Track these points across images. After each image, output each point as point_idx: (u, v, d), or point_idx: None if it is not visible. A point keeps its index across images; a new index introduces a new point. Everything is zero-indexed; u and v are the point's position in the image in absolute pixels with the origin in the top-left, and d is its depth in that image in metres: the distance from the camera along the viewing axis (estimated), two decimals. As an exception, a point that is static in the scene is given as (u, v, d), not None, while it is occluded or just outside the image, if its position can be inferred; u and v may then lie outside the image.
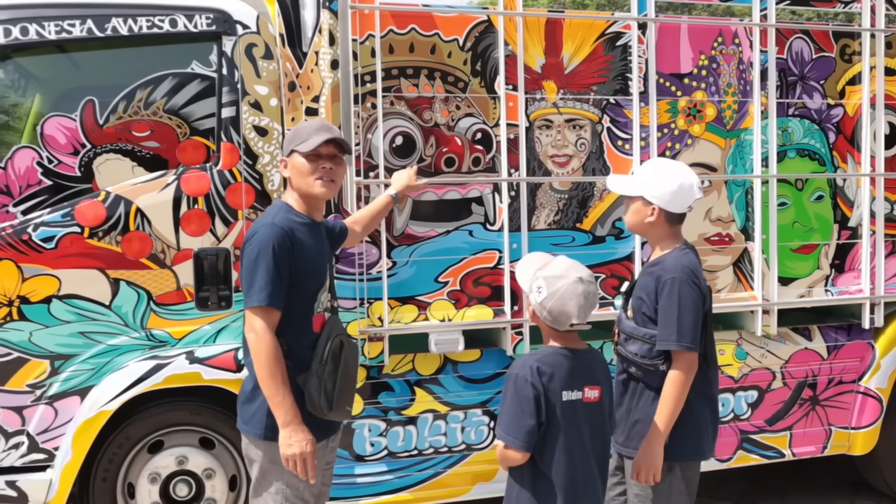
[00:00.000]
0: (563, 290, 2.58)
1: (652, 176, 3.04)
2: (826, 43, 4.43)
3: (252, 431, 2.88)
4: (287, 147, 2.97)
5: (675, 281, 2.92)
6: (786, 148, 4.38)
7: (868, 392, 4.60)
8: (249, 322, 2.79)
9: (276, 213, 2.88)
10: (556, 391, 2.59)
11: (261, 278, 2.75)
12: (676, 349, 2.91)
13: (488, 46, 3.92)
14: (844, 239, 4.52)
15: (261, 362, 2.75)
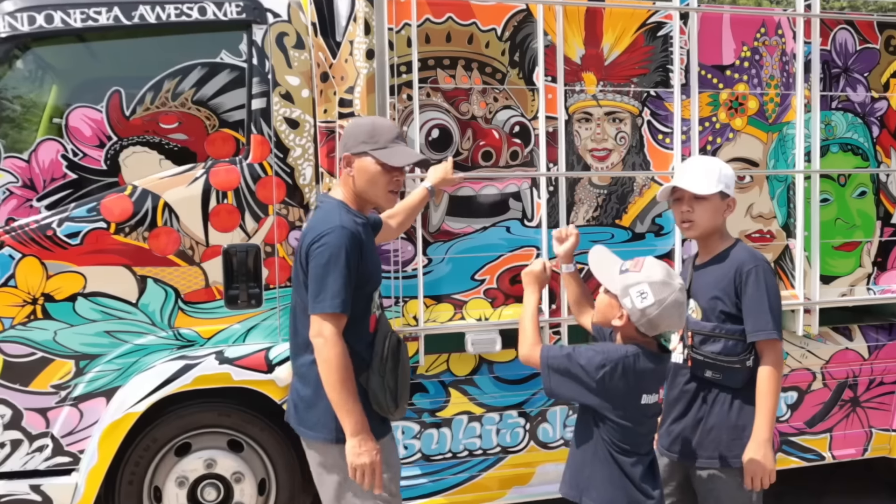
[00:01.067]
0: (672, 299, 2.48)
1: (716, 169, 2.93)
2: (870, 34, 4.30)
3: (322, 436, 2.75)
4: (357, 145, 2.78)
5: (759, 269, 2.85)
6: (828, 142, 4.26)
7: (910, 392, 4.48)
8: (318, 327, 2.67)
9: (340, 214, 2.74)
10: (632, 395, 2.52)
11: (334, 283, 2.64)
12: (774, 338, 2.82)
13: (527, 36, 3.79)
14: (887, 236, 4.39)
15: (331, 368, 2.64)
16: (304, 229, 2.82)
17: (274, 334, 3.72)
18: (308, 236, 2.72)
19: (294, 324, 2.86)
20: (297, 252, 2.79)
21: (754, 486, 2.82)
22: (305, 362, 2.78)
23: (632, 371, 2.50)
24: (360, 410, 2.66)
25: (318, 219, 2.76)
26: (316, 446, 2.80)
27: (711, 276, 2.94)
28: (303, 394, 2.81)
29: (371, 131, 2.78)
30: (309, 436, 2.81)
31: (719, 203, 2.93)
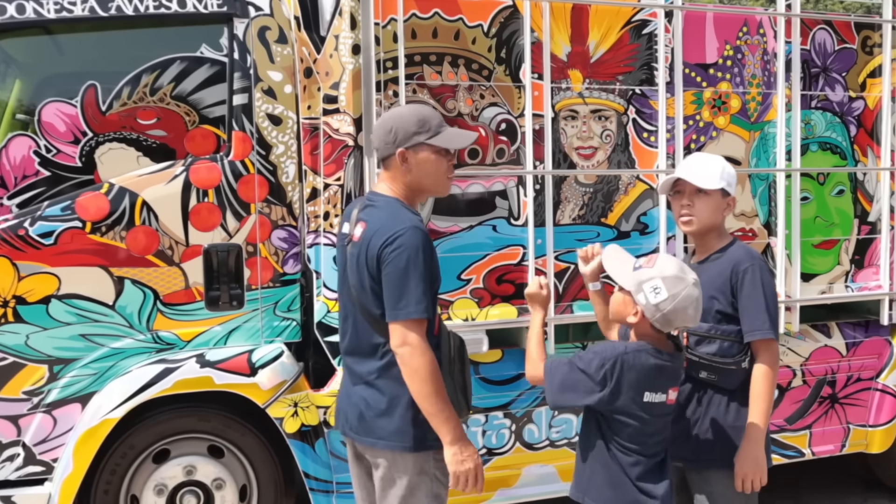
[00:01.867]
0: (685, 294, 2.45)
1: (720, 166, 2.88)
2: (848, 34, 4.34)
3: (399, 445, 2.60)
4: (410, 138, 2.59)
5: (756, 268, 2.80)
6: (808, 141, 4.28)
7: (886, 389, 4.53)
8: (401, 336, 2.50)
9: (407, 213, 2.59)
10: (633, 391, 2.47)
11: (416, 288, 2.49)
12: (770, 338, 2.78)
13: (513, 33, 3.75)
14: (864, 234, 4.44)
15: (423, 378, 2.50)
16: (366, 230, 2.58)
17: (256, 336, 3.62)
18: (377, 238, 2.52)
19: (355, 330, 2.67)
20: (359, 254, 2.58)
21: (745, 489, 2.78)
22: (373, 369, 2.62)
23: (631, 367, 2.45)
24: (456, 417, 2.55)
25: (384, 218, 2.56)
26: (385, 455, 2.64)
27: (707, 274, 2.88)
28: (372, 402, 2.63)
29: (420, 121, 2.61)
30: (379, 445, 2.63)
31: (720, 200, 2.89)
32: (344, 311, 2.73)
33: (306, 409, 3.63)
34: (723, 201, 2.89)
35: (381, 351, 2.60)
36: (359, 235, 2.60)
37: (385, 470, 2.65)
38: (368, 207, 2.66)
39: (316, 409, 3.65)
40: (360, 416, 2.66)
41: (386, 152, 2.63)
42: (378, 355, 2.61)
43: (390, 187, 2.67)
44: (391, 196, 2.65)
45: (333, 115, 3.56)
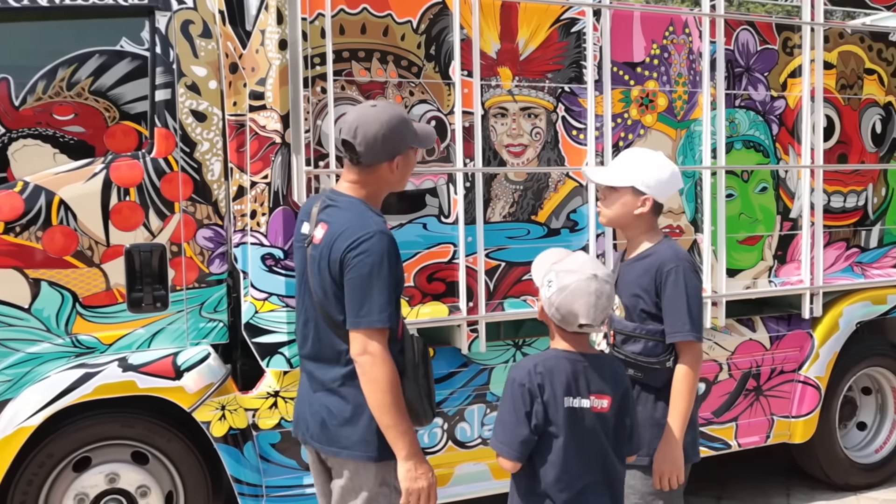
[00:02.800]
0: (574, 286, 2.35)
1: (642, 164, 2.84)
2: (770, 35, 4.44)
3: (362, 455, 2.52)
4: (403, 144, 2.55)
5: (679, 269, 2.77)
6: (733, 139, 4.37)
7: (807, 381, 4.66)
8: (362, 344, 2.42)
9: (371, 216, 2.51)
10: (556, 396, 2.37)
11: (379, 296, 2.41)
12: (691, 340, 2.76)
13: (443, 30, 3.73)
14: (786, 230, 4.55)
15: (382, 388, 2.42)
16: (328, 232, 2.50)
17: (182, 338, 3.52)
18: (341, 242, 2.44)
19: (317, 335, 2.58)
20: (321, 257, 2.49)
21: (662, 486, 2.80)
22: (336, 376, 2.54)
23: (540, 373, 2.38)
24: (413, 431, 2.47)
25: (348, 220, 2.48)
26: (348, 465, 2.56)
27: (634, 272, 2.89)
28: (335, 410, 2.55)
29: (404, 120, 2.57)
30: (342, 454, 2.55)
31: (630, 198, 2.82)
32: (304, 316, 2.63)
33: (234, 412, 3.55)
34: (634, 199, 2.82)
35: (344, 358, 2.52)
36: (320, 237, 2.52)
37: (347, 480, 2.57)
38: (330, 207, 2.56)
39: (244, 411, 3.57)
40: (322, 423, 2.58)
41: (379, 159, 2.53)
42: (342, 362, 2.53)
43: (353, 187, 2.57)
44: (354, 197, 2.56)
45: (260, 112, 3.49)
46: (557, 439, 2.39)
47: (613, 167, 2.94)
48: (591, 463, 2.41)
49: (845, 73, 4.66)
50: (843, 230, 4.73)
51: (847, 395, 5.06)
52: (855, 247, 4.78)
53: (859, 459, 4.99)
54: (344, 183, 2.60)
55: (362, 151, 2.50)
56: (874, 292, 4.81)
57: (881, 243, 4.86)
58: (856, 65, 4.69)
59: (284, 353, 3.52)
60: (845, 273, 4.75)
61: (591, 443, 2.41)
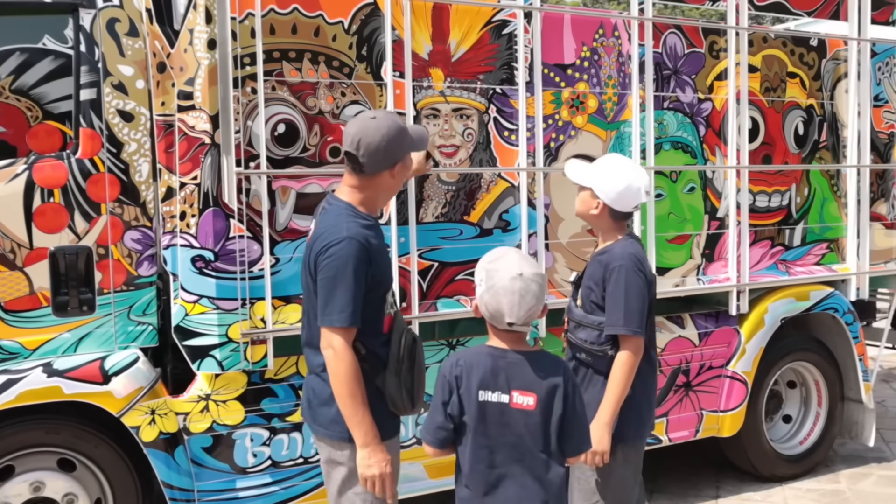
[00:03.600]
0: (500, 285, 2.40)
1: (605, 171, 3.06)
2: (696, 39, 4.55)
3: (336, 434, 2.73)
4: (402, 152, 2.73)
5: (622, 269, 2.98)
6: (661, 140, 4.46)
7: (735, 376, 4.78)
8: (327, 340, 2.64)
9: (347, 222, 2.66)
10: (470, 389, 2.43)
11: (341, 297, 2.61)
12: (624, 333, 2.96)
13: (374, 31, 3.73)
14: (714, 229, 4.67)
15: (340, 381, 2.63)
16: (313, 233, 2.74)
17: (109, 342, 3.46)
18: (317, 244, 2.67)
19: (308, 323, 2.81)
20: (306, 257, 2.73)
21: (588, 464, 2.95)
22: (321, 362, 2.74)
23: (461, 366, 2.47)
24: (369, 421, 2.64)
25: (327, 225, 2.69)
26: (326, 442, 2.79)
27: (592, 266, 3.13)
28: (318, 391, 2.78)
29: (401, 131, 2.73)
30: (321, 432, 2.80)
31: (589, 198, 3.08)
32: (305, 305, 2.86)
33: (164, 416, 3.50)
34: (591, 200, 3.07)
35: None
36: (310, 236, 2.78)
37: (327, 455, 2.80)
38: (324, 210, 2.79)
39: (175, 415, 3.52)
40: (308, 403, 2.85)
41: (380, 168, 2.71)
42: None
43: (351, 192, 2.75)
44: (346, 202, 2.74)
45: (189, 112, 3.44)
46: (470, 429, 2.45)
47: (587, 167, 3.15)
48: (508, 455, 2.44)
49: (769, 76, 4.80)
50: (767, 229, 4.87)
51: (773, 389, 5.22)
52: (779, 245, 4.92)
53: (785, 451, 5.15)
54: (344, 187, 2.79)
55: (365, 162, 2.69)
56: (798, 289, 4.96)
57: (804, 241, 5.01)
58: (779, 68, 4.83)
59: (216, 356, 3.48)
60: (770, 271, 4.89)
61: (507, 436, 2.44)
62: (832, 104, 5.04)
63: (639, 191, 3.04)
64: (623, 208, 3.06)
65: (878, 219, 5.28)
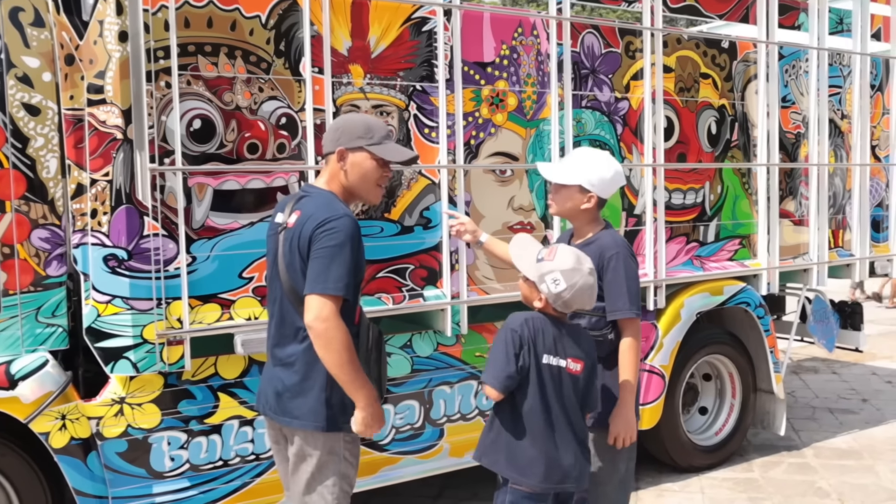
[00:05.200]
0: (582, 283, 2.81)
1: (589, 165, 3.18)
2: (613, 39, 4.63)
3: (311, 424, 2.76)
4: (353, 140, 2.81)
5: (620, 255, 3.13)
6: (580, 138, 4.53)
7: (653, 370, 4.88)
8: (317, 309, 2.62)
9: (340, 204, 2.78)
10: (538, 350, 2.80)
11: (340, 267, 2.65)
12: (630, 317, 3.11)
13: (292, 26, 3.68)
14: (631, 226, 4.76)
15: (337, 348, 2.64)
16: (300, 217, 2.74)
17: (16, 345, 3.33)
18: (311, 222, 2.68)
19: (281, 313, 2.81)
20: (293, 237, 2.72)
21: (617, 445, 3.14)
22: (295, 352, 2.77)
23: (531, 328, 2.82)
24: (369, 385, 2.72)
25: (319, 205, 2.74)
26: (299, 434, 2.79)
27: None
28: (288, 382, 2.78)
29: (366, 128, 2.83)
30: (294, 424, 2.79)
31: (577, 194, 3.18)
32: (272, 296, 2.86)
33: (76, 421, 3.39)
34: (580, 196, 3.18)
35: (301, 334, 2.74)
36: (293, 222, 2.76)
37: (298, 447, 2.80)
38: (304, 198, 2.82)
39: (87, 420, 3.41)
40: (277, 395, 2.82)
41: (328, 148, 2.85)
42: (299, 338, 2.75)
43: (327, 182, 2.85)
44: (326, 189, 2.83)
45: (99, 107, 3.34)
46: (533, 385, 2.82)
47: (564, 166, 3.30)
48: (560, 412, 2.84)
49: (683, 76, 4.92)
50: (683, 226, 4.99)
51: (689, 382, 5.35)
52: (694, 241, 5.05)
53: (701, 442, 5.28)
54: (319, 179, 2.91)
55: (323, 142, 2.90)
56: (712, 284, 5.09)
57: (717, 238, 5.16)
58: (692, 69, 4.96)
59: (130, 358, 3.38)
60: (686, 266, 5.01)
61: (561, 395, 2.84)
62: (743, 104, 5.20)
63: (621, 175, 3.28)
64: (609, 195, 3.25)
65: (787, 216, 5.47)
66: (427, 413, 4.20)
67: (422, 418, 4.19)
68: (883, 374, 7.63)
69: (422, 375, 4.17)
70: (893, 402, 6.73)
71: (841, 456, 5.48)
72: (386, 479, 4.12)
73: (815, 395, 6.95)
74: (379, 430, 2.80)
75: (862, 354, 7.99)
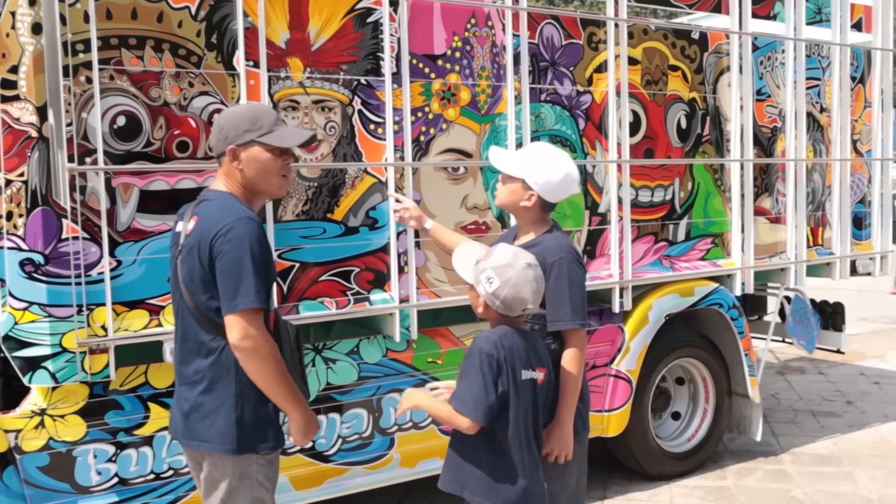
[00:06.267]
0: (516, 278, 2.60)
1: (539, 162, 2.98)
2: (574, 30, 4.44)
3: (220, 447, 2.58)
4: (241, 135, 2.61)
5: (563, 262, 2.91)
6: (539, 134, 4.34)
7: (619, 374, 4.70)
8: (241, 329, 2.47)
9: (239, 205, 2.58)
10: (515, 368, 2.61)
11: (250, 277, 2.47)
12: (574, 328, 2.93)
13: (225, 17, 3.50)
14: (595, 225, 4.57)
15: (269, 363, 2.52)
16: (197, 225, 2.57)
17: (-75, 356, 3.16)
18: (210, 229, 2.51)
19: (183, 328, 2.63)
20: (191, 246, 2.55)
21: (549, 459, 2.93)
22: (200, 368, 2.59)
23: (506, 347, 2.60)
24: (301, 395, 2.64)
25: (216, 211, 2.56)
26: (208, 458, 2.62)
27: None
28: (195, 402, 2.60)
29: (252, 118, 2.63)
30: (202, 448, 2.61)
31: (520, 189, 2.98)
32: (175, 310, 2.71)
33: (-7, 434, 3.23)
34: (522, 192, 2.98)
35: (205, 349, 2.58)
36: (191, 229, 2.60)
37: (208, 472, 2.64)
38: (202, 203, 2.66)
39: (3, 433, 3.24)
40: (184, 416, 2.64)
41: (218, 149, 2.66)
42: (203, 353, 2.59)
43: (225, 184, 2.67)
44: (225, 191, 2.66)
45: (13, 103, 3.17)
46: (514, 408, 2.60)
47: (515, 156, 3.10)
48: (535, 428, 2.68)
49: (650, 69, 4.72)
50: (651, 224, 4.79)
51: (661, 386, 5.17)
52: (663, 240, 4.86)
53: (672, 449, 5.10)
54: (217, 182, 2.71)
55: (210, 142, 2.71)
56: (682, 285, 4.91)
57: (688, 237, 4.96)
58: (660, 61, 4.76)
59: (48, 368, 3.21)
60: (654, 266, 4.82)
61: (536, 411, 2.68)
62: (715, 98, 5.00)
63: (575, 181, 3.03)
64: (556, 199, 3.02)
65: (763, 213, 5.28)
66: (376, 422, 4.03)
67: (370, 427, 4.01)
68: (871, 375, 7.42)
69: (370, 383, 3.99)
70: (879, 405, 6.53)
71: (819, 462, 5.29)
72: (332, 491, 3.95)
73: (799, 396, 6.75)
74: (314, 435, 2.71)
75: (851, 354, 7.80)
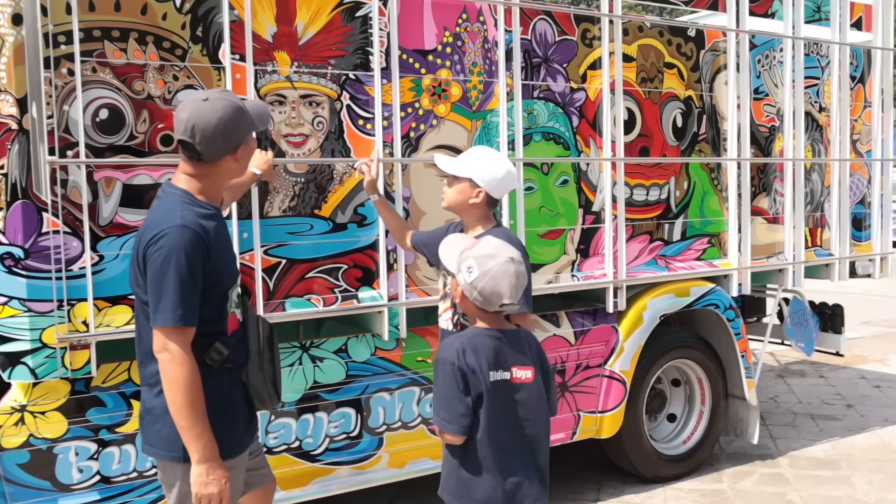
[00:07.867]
0: (496, 270, 2.54)
1: (483, 161, 3.13)
2: (568, 26, 4.38)
3: (167, 454, 2.54)
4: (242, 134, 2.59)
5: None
6: (531, 131, 4.28)
7: (613, 375, 4.64)
8: (161, 342, 2.42)
9: (182, 210, 2.46)
10: (483, 372, 2.55)
11: (173, 293, 2.39)
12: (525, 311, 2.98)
13: (211, 10, 3.46)
14: (589, 223, 4.51)
15: (177, 389, 2.40)
16: (143, 225, 2.53)
17: None
18: (146, 234, 2.45)
19: (138, 330, 2.61)
20: (134, 251, 2.51)
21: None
22: (153, 372, 2.52)
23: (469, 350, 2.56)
24: (208, 435, 2.43)
25: (158, 213, 2.50)
26: (159, 463, 2.61)
27: None
28: (149, 405, 2.57)
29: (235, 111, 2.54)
30: (151, 452, 2.60)
31: (467, 188, 3.12)
32: (135, 308, 2.65)
33: (-28, 430, 3.18)
34: (470, 190, 3.11)
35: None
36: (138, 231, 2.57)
37: (161, 475, 2.63)
38: (158, 199, 2.60)
39: (-18, 430, 3.20)
40: (141, 418, 2.63)
41: (220, 154, 2.55)
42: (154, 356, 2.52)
43: (189, 181, 2.57)
44: (182, 189, 2.56)
45: (-7, 95, 3.13)
46: (486, 410, 2.55)
47: (460, 158, 3.22)
48: (517, 428, 2.60)
49: (645, 66, 4.67)
50: (646, 223, 4.74)
51: (657, 388, 5.11)
52: (658, 240, 4.80)
53: (667, 451, 5.03)
54: (181, 175, 2.59)
55: (203, 150, 2.51)
56: (678, 285, 4.84)
57: (684, 236, 4.90)
58: (656, 58, 4.71)
59: (28, 364, 3.17)
60: (649, 266, 4.76)
61: (517, 411, 2.59)
62: (711, 96, 4.94)
63: (514, 176, 3.23)
64: (500, 195, 3.17)
65: (760, 213, 5.21)
66: (364, 421, 3.97)
67: (358, 427, 3.96)
68: (872, 378, 7.34)
69: (358, 381, 3.94)
70: (879, 409, 6.45)
71: (817, 466, 5.22)
72: (319, 491, 3.89)
73: (799, 399, 6.68)
74: (219, 497, 2.45)
75: (852, 358, 7.73)
